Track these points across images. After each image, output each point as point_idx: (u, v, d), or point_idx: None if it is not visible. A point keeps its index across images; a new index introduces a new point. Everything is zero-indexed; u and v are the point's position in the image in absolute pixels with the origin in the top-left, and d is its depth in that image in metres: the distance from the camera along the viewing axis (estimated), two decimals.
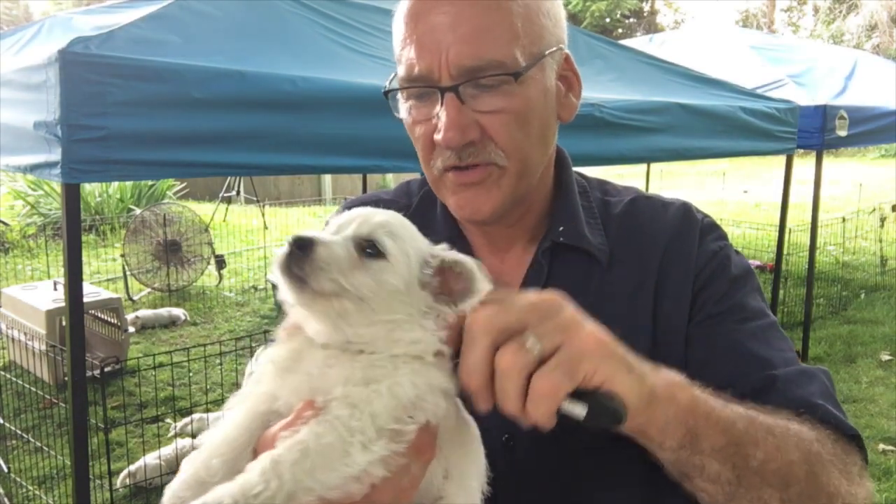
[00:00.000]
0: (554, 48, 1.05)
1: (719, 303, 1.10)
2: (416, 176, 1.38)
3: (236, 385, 5.43)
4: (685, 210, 1.18)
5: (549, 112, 1.08)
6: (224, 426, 0.84)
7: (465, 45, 0.97)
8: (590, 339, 0.79)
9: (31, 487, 4.23)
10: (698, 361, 1.08)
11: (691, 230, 1.15)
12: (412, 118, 1.06)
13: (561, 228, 1.13)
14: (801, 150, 6.16)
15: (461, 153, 1.02)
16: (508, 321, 0.78)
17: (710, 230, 1.16)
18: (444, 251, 0.87)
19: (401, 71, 1.04)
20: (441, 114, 1.00)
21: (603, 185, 1.25)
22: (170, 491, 0.79)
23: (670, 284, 1.11)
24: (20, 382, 5.16)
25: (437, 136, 1.01)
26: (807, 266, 6.61)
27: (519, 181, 1.06)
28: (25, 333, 5.36)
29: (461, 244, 1.16)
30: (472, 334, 0.79)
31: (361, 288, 0.80)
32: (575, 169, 1.25)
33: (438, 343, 0.82)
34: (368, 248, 0.82)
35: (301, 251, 0.80)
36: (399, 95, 1.08)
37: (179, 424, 4.83)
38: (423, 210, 1.19)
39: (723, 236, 1.17)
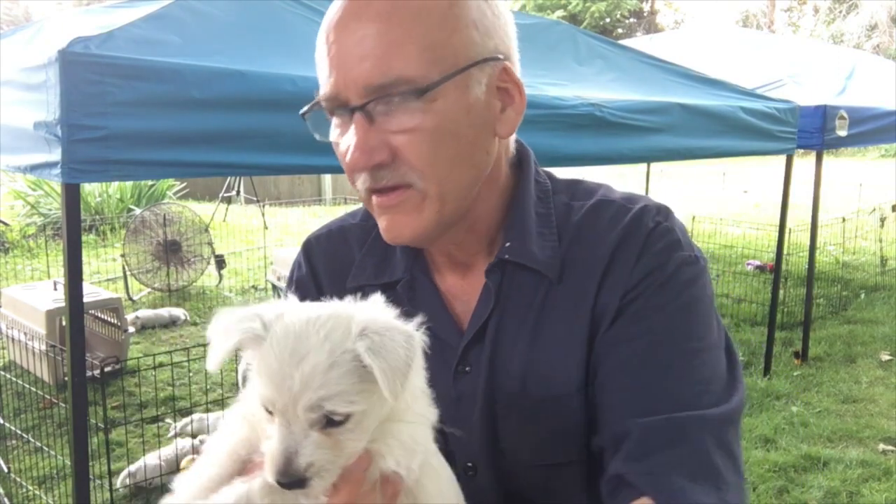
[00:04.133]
0: (482, 60, 0.98)
1: (636, 322, 0.99)
2: None
3: (236, 385, 5.44)
4: (639, 215, 1.06)
5: (476, 129, 0.99)
6: (202, 469, 0.86)
7: (372, 63, 0.93)
8: None
9: (31, 487, 4.22)
10: (597, 385, 1.01)
11: (634, 240, 1.03)
12: (335, 139, 1.03)
13: (507, 244, 1.06)
14: (801, 150, 6.16)
15: (374, 175, 0.98)
16: None
17: (658, 239, 1.03)
18: (358, 346, 0.81)
19: (321, 90, 1.01)
20: (351, 133, 0.97)
21: (572, 188, 1.15)
22: None
23: (606, 304, 1.02)
24: (20, 382, 5.16)
25: (348, 159, 0.98)
26: (807, 266, 6.60)
27: (443, 206, 0.99)
28: (25, 333, 5.35)
29: (420, 262, 1.13)
30: None
31: (353, 452, 0.81)
32: (545, 169, 1.18)
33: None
34: (328, 421, 0.80)
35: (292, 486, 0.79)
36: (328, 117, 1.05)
37: (179, 424, 4.82)
38: None
39: (672, 246, 1.03)
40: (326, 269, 1.20)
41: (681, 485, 0.88)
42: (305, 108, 1.03)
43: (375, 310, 0.87)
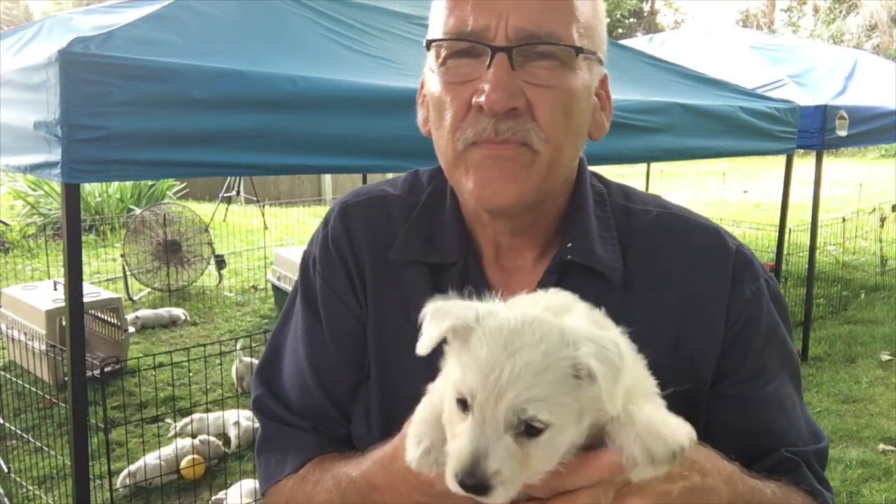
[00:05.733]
0: (602, 58, 1.04)
1: (749, 364, 1.06)
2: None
3: (235, 385, 5.43)
4: (717, 237, 1.10)
5: (587, 116, 1.03)
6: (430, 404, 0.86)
7: (530, 11, 0.94)
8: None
9: (31, 487, 4.23)
10: (721, 422, 1.05)
11: (723, 264, 1.07)
12: (446, 80, 0.99)
13: (570, 245, 1.05)
14: (801, 150, 6.16)
15: (499, 124, 0.95)
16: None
17: (744, 267, 1.08)
18: (582, 352, 0.76)
19: (447, 26, 0.98)
20: (488, 75, 0.94)
21: (625, 191, 1.16)
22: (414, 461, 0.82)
23: (697, 322, 1.04)
24: (20, 382, 5.16)
25: (479, 99, 0.94)
26: (807, 266, 6.61)
27: (549, 173, 0.99)
28: (25, 333, 5.36)
29: (469, 251, 1.08)
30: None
31: (539, 471, 0.76)
32: (593, 171, 1.18)
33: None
34: (525, 428, 0.74)
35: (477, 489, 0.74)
36: (432, 59, 1.01)
37: (179, 424, 4.82)
38: (431, 209, 1.12)
39: (757, 275, 1.09)
40: (366, 236, 1.14)
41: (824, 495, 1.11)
42: (430, 38, 1.01)
43: (580, 318, 0.83)
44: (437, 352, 1.05)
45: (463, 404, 0.76)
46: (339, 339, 1.12)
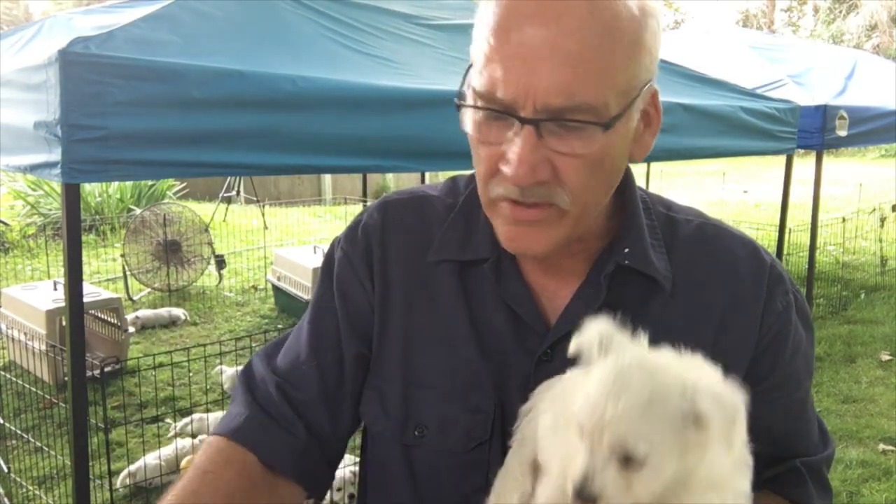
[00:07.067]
0: (646, 86, 0.99)
1: (778, 373, 1.09)
2: (416, 177, 1.32)
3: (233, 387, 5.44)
4: (754, 250, 1.14)
5: (624, 155, 1.02)
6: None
7: (558, 80, 0.88)
8: None
9: (31, 487, 4.23)
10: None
11: (760, 276, 1.11)
12: (479, 136, 0.97)
13: (626, 250, 1.07)
14: (801, 150, 6.16)
15: (525, 191, 0.94)
16: None
17: (778, 281, 1.12)
18: (695, 395, 0.81)
19: (479, 81, 0.94)
20: (515, 144, 0.92)
21: (664, 200, 1.19)
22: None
23: (731, 331, 1.07)
24: (20, 382, 5.16)
25: (506, 169, 0.93)
26: (807, 266, 6.61)
27: (577, 224, 1.00)
28: (25, 333, 5.35)
29: (503, 252, 1.09)
30: None
31: (643, 497, 0.81)
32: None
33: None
34: (627, 459, 0.81)
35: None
36: (469, 96, 0.99)
37: (179, 424, 4.82)
38: (468, 209, 1.14)
39: (787, 289, 1.13)
40: (400, 232, 1.17)
41: None
42: (461, 102, 0.97)
43: (704, 369, 0.88)
44: (454, 344, 1.11)
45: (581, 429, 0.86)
46: (346, 306, 1.15)
